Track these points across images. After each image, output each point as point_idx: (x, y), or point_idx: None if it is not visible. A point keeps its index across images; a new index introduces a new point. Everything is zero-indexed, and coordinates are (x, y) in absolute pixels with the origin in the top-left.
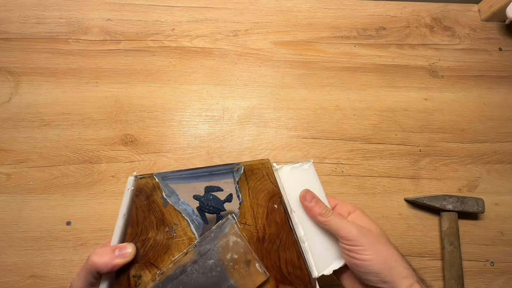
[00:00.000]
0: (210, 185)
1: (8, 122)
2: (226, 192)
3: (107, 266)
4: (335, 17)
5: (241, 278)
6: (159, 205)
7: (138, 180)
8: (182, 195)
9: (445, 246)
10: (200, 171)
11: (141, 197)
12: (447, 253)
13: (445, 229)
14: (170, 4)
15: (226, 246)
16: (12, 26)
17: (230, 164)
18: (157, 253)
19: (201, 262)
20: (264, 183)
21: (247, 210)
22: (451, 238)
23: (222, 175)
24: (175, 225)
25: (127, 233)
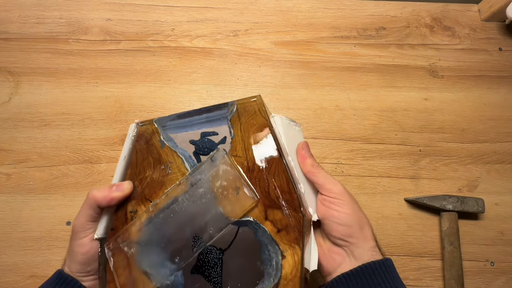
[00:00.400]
0: (206, 131)
1: (8, 122)
2: (221, 136)
3: (105, 198)
4: (335, 17)
5: (229, 204)
6: (157, 147)
7: (139, 127)
8: (180, 143)
9: (445, 246)
10: (197, 118)
11: (141, 142)
12: (447, 253)
13: (445, 229)
14: (170, 4)
15: (216, 174)
16: (12, 26)
17: (225, 106)
18: (152, 189)
19: (192, 191)
20: (255, 118)
21: (238, 143)
22: (451, 238)
23: (219, 121)
24: (170, 163)
25: (126, 174)
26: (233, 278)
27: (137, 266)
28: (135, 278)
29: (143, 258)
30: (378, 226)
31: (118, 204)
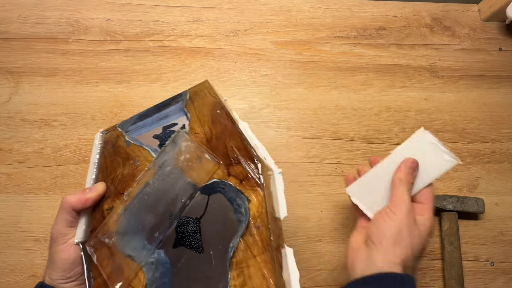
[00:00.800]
0: (166, 124)
1: (8, 122)
2: (180, 124)
3: (80, 201)
4: (335, 17)
5: (195, 172)
6: (123, 147)
7: (104, 135)
8: (145, 141)
9: (445, 246)
10: (156, 116)
11: (108, 147)
12: (447, 253)
13: (445, 229)
14: (170, 4)
15: (179, 151)
16: (12, 26)
17: (179, 97)
18: (125, 183)
19: (160, 172)
20: (206, 99)
21: (195, 122)
22: (451, 238)
23: (177, 113)
24: (137, 157)
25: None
26: (213, 240)
27: (119, 252)
28: (119, 263)
29: (125, 244)
30: None
31: (94, 206)
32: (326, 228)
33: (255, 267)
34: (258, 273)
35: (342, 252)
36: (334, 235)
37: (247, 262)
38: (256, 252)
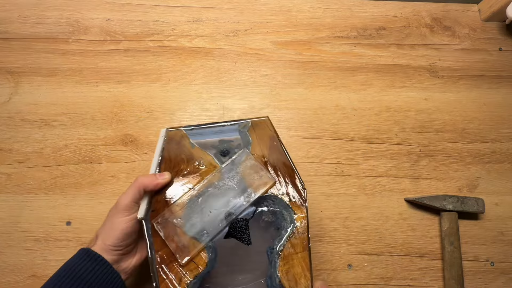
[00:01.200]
0: (223, 139)
1: (8, 122)
2: (235, 143)
3: (152, 183)
4: (335, 17)
5: (254, 184)
6: (187, 147)
7: (168, 132)
8: (203, 147)
9: (445, 246)
10: (212, 130)
11: (172, 143)
12: (447, 253)
13: (445, 229)
14: (170, 4)
15: (244, 166)
16: (12, 26)
17: (236, 123)
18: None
19: (225, 179)
20: (266, 130)
21: (256, 146)
22: (451, 238)
23: (231, 132)
24: (201, 159)
25: (161, 167)
26: (258, 236)
27: (185, 233)
28: (185, 242)
29: (189, 228)
30: (378, 226)
31: (158, 190)
32: (326, 228)
33: (297, 260)
34: (299, 265)
35: (342, 252)
36: (334, 235)
37: (291, 257)
38: (298, 250)
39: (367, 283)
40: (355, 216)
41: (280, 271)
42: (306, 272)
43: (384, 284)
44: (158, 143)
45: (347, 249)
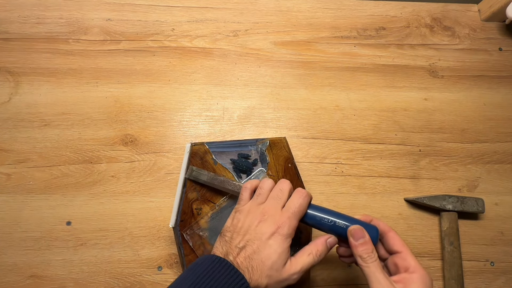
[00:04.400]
0: (241, 152)
1: (8, 122)
2: (252, 157)
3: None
4: (335, 17)
5: None
6: (211, 163)
7: (193, 146)
8: (221, 160)
9: (445, 246)
10: (232, 143)
11: (196, 158)
12: (447, 253)
13: (445, 229)
14: (170, 4)
15: None
16: (12, 26)
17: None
18: (212, 193)
19: None
20: (282, 151)
21: (272, 166)
22: (451, 238)
23: (249, 146)
24: (224, 176)
25: (187, 182)
26: None
27: (209, 243)
28: (209, 251)
29: (213, 239)
30: None
31: (184, 204)
32: None
33: None
34: None
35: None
36: None
37: None
38: None
39: (367, 283)
40: (355, 216)
41: None
42: None
43: None
44: (184, 158)
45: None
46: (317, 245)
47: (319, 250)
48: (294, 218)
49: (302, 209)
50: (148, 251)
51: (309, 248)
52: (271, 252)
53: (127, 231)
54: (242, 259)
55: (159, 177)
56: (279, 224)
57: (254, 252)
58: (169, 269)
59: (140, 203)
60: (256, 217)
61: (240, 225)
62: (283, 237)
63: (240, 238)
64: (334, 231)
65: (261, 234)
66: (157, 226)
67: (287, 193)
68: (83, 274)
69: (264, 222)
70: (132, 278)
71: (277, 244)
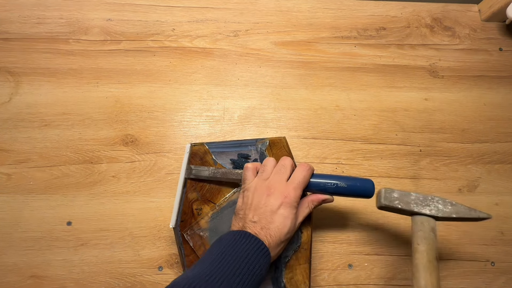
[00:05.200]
0: (241, 152)
1: (8, 122)
2: (252, 157)
3: None
4: (335, 17)
5: None
6: (210, 164)
7: (192, 147)
8: (221, 160)
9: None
10: (232, 143)
11: (196, 158)
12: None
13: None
14: (170, 4)
15: None
16: (12, 26)
17: (254, 139)
18: (212, 194)
19: None
20: (281, 150)
21: None
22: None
23: (248, 146)
24: None
25: (187, 182)
26: None
27: (209, 243)
28: None
29: (213, 239)
30: (378, 226)
31: (185, 204)
32: (327, 228)
33: (299, 270)
34: (301, 274)
35: (342, 252)
36: (335, 235)
37: (295, 267)
38: (301, 262)
39: (367, 283)
40: (356, 216)
41: (285, 277)
42: (306, 280)
43: (384, 284)
44: (184, 158)
45: (348, 249)
46: (313, 201)
47: (314, 203)
48: (299, 188)
49: (306, 180)
50: (148, 251)
51: (306, 201)
52: (284, 220)
53: (127, 231)
54: (259, 229)
55: (160, 177)
56: (285, 194)
57: (269, 222)
58: (170, 269)
59: (141, 203)
60: (263, 191)
61: (250, 201)
62: (290, 205)
63: (252, 213)
64: (337, 192)
65: (271, 206)
66: (158, 226)
67: (290, 168)
68: (83, 274)
69: (272, 195)
70: (132, 278)
71: (287, 212)
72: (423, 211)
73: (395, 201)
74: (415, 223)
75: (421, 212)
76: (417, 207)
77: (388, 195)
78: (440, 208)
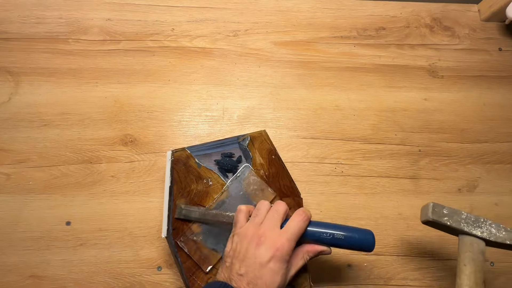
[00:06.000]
0: (224, 152)
1: (8, 122)
2: (236, 155)
3: None
4: (335, 17)
5: (258, 199)
6: (195, 167)
7: (174, 153)
8: (205, 162)
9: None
10: (214, 143)
11: (179, 164)
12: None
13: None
14: (170, 4)
15: (248, 183)
16: (12, 26)
17: (235, 137)
18: (201, 197)
19: (233, 195)
20: (264, 144)
21: (256, 161)
22: None
23: (230, 144)
24: (209, 178)
25: (173, 189)
26: None
27: (205, 246)
28: (206, 254)
29: (208, 241)
30: (377, 226)
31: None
32: None
33: None
34: None
35: (342, 252)
36: None
37: None
38: None
39: (366, 283)
40: (355, 216)
41: None
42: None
43: (383, 284)
44: (167, 166)
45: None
46: (308, 252)
47: (310, 254)
48: (293, 240)
49: (301, 231)
50: (147, 251)
51: (301, 252)
52: (274, 276)
53: (126, 231)
54: (245, 284)
55: (159, 177)
56: (277, 246)
57: (257, 277)
58: (169, 269)
59: (140, 203)
60: (253, 240)
61: (238, 249)
62: (282, 259)
63: (239, 264)
64: (333, 244)
65: (261, 258)
66: (157, 226)
67: (283, 214)
68: (82, 274)
69: (262, 245)
70: (131, 278)
71: (277, 267)
72: (474, 232)
73: (445, 217)
74: (464, 244)
75: (471, 233)
76: (467, 227)
77: (438, 210)
78: (493, 232)
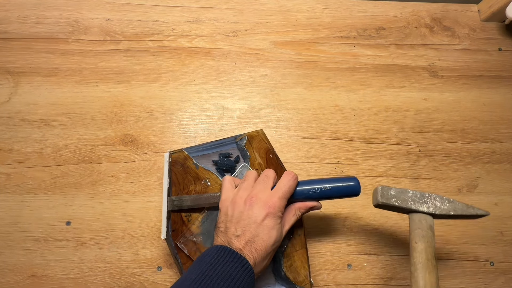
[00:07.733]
0: (222, 152)
1: (8, 122)
2: (234, 155)
3: None
4: (335, 17)
5: None
6: (192, 168)
7: (171, 155)
8: (203, 163)
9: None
10: (212, 144)
11: (177, 166)
12: None
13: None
14: (170, 4)
15: None
16: (12, 26)
17: (232, 137)
18: None
19: None
20: (261, 144)
21: (254, 160)
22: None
23: (228, 145)
24: (207, 178)
25: (172, 191)
26: None
27: (205, 247)
28: None
29: (207, 243)
30: (377, 226)
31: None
32: (326, 228)
33: (297, 256)
34: (299, 260)
35: (342, 252)
36: (334, 235)
37: (292, 254)
38: (298, 248)
39: (366, 283)
40: (355, 216)
41: (284, 266)
42: (305, 265)
43: (383, 284)
44: (165, 167)
45: (347, 249)
46: (300, 208)
47: (302, 210)
48: (284, 198)
49: (291, 190)
50: (147, 251)
51: (293, 209)
52: (270, 231)
53: (126, 231)
54: (244, 244)
55: (159, 177)
56: (270, 204)
57: (253, 235)
58: (169, 269)
59: (140, 203)
60: (246, 202)
61: (231, 213)
62: (276, 215)
63: (235, 226)
64: (323, 197)
65: (255, 217)
66: (157, 226)
67: (273, 178)
68: (82, 274)
69: (255, 205)
70: (131, 278)
71: (272, 223)
72: (421, 208)
73: (392, 198)
74: (413, 221)
75: (418, 210)
76: (414, 204)
77: (385, 193)
78: (437, 205)
